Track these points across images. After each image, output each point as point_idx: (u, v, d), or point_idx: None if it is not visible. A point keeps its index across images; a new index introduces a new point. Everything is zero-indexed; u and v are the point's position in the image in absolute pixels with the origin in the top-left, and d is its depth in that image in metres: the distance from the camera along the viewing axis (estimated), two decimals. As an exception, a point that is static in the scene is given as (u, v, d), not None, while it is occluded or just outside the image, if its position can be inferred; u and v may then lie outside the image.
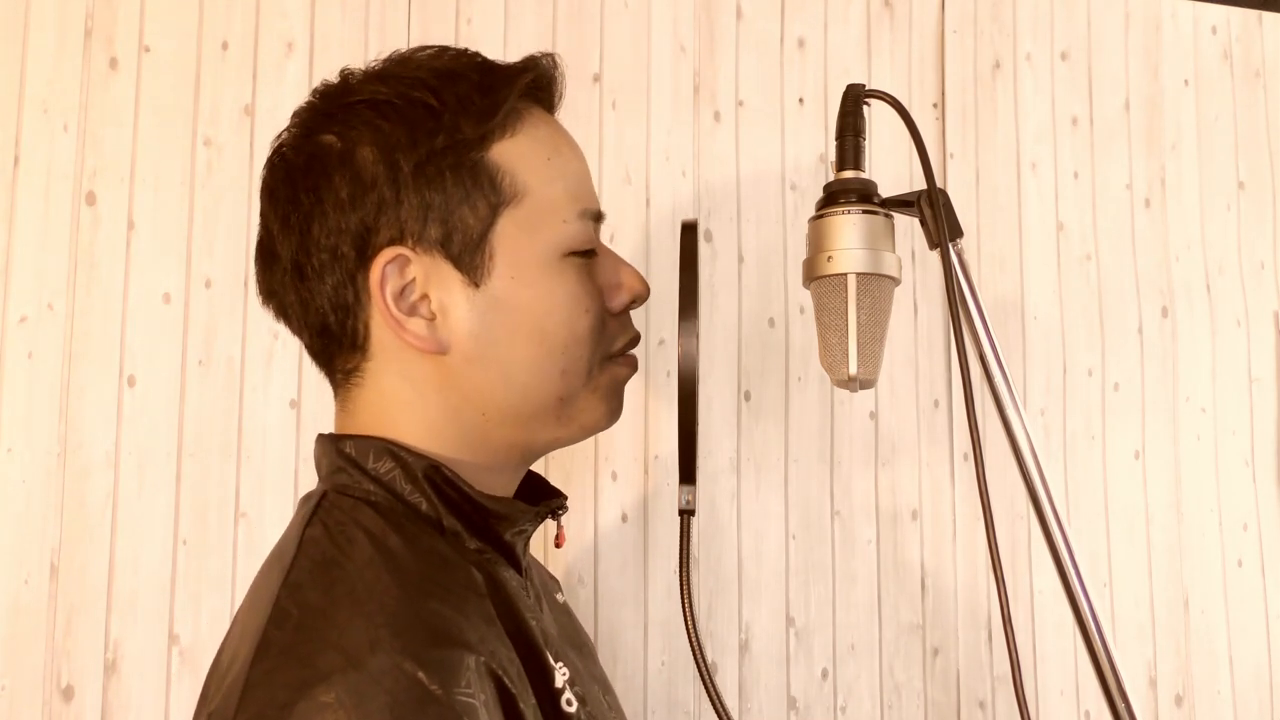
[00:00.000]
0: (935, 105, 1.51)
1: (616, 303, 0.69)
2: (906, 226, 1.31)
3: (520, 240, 0.63)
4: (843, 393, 1.42)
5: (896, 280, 0.75)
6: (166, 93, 1.26)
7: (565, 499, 0.72)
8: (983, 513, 0.69)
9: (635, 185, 1.39)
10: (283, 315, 0.67)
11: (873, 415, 1.44)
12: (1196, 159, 1.61)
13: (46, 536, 1.18)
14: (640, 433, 1.36)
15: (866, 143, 0.78)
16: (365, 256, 0.62)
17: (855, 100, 0.77)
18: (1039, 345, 1.51)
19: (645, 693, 1.32)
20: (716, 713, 0.68)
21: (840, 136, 0.77)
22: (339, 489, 0.64)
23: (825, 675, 1.38)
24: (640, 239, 1.38)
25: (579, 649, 0.73)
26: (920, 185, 0.74)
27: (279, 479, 1.24)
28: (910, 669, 1.41)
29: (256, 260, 0.67)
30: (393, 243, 0.62)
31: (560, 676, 0.61)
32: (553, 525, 0.74)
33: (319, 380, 0.69)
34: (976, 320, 0.73)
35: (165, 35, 1.27)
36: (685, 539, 0.70)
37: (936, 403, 1.46)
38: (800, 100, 1.46)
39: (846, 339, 0.73)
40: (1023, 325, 1.51)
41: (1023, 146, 1.54)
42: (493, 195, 0.63)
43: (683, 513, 0.70)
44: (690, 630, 0.68)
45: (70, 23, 1.24)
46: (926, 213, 0.74)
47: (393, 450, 0.63)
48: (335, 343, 0.65)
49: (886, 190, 0.77)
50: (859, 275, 0.73)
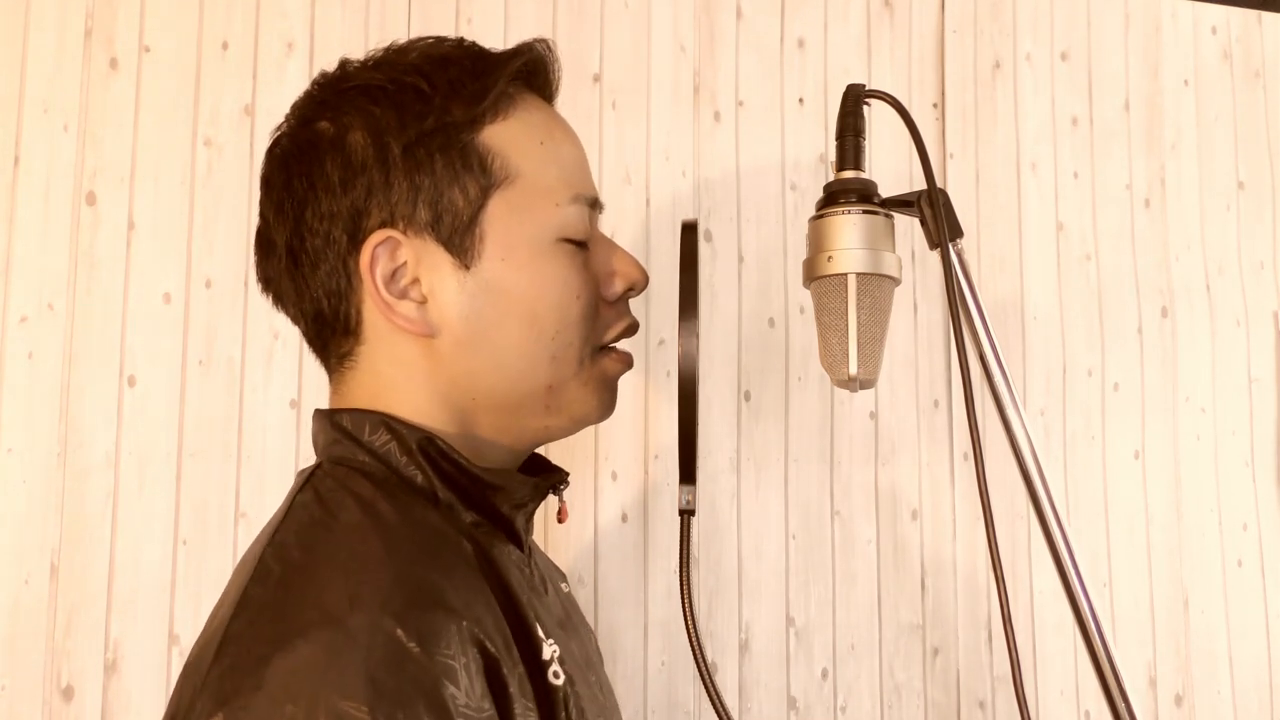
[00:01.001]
0: (935, 105, 1.51)
1: (611, 290, 0.69)
2: (906, 226, 1.31)
3: (511, 223, 0.63)
4: (843, 393, 1.42)
5: (896, 280, 0.75)
6: (166, 93, 1.26)
7: (566, 474, 0.71)
8: (983, 513, 0.69)
9: (635, 185, 1.39)
10: (280, 302, 0.68)
11: (873, 415, 1.44)
12: (1196, 159, 1.61)
13: (46, 536, 1.18)
14: (640, 433, 1.36)
15: (866, 143, 0.78)
16: (357, 241, 0.62)
17: (855, 100, 0.77)
18: (1039, 345, 1.51)
19: (645, 693, 1.32)
20: (716, 713, 0.68)
21: (840, 136, 0.77)
22: (335, 460, 0.64)
23: (825, 675, 1.38)
24: (640, 239, 1.38)
25: (578, 636, 0.73)
26: (920, 185, 0.74)
27: (279, 479, 1.24)
28: (910, 669, 1.41)
29: (255, 249, 0.68)
30: (383, 226, 0.62)
31: (549, 650, 0.61)
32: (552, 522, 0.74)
33: (319, 380, 0.70)
34: (976, 320, 0.73)
35: (165, 35, 1.27)
36: (685, 539, 0.70)
37: (936, 403, 1.46)
38: (800, 100, 1.46)
39: (846, 339, 0.73)
40: (1023, 325, 1.51)
41: (1022, 146, 1.54)
42: (483, 178, 0.63)
43: (683, 513, 0.70)
44: (690, 630, 0.68)
45: (70, 23, 1.24)
46: (926, 213, 0.74)
47: (388, 423, 0.63)
48: (329, 328, 0.65)
49: (886, 190, 0.77)
50: (859, 275, 0.73)
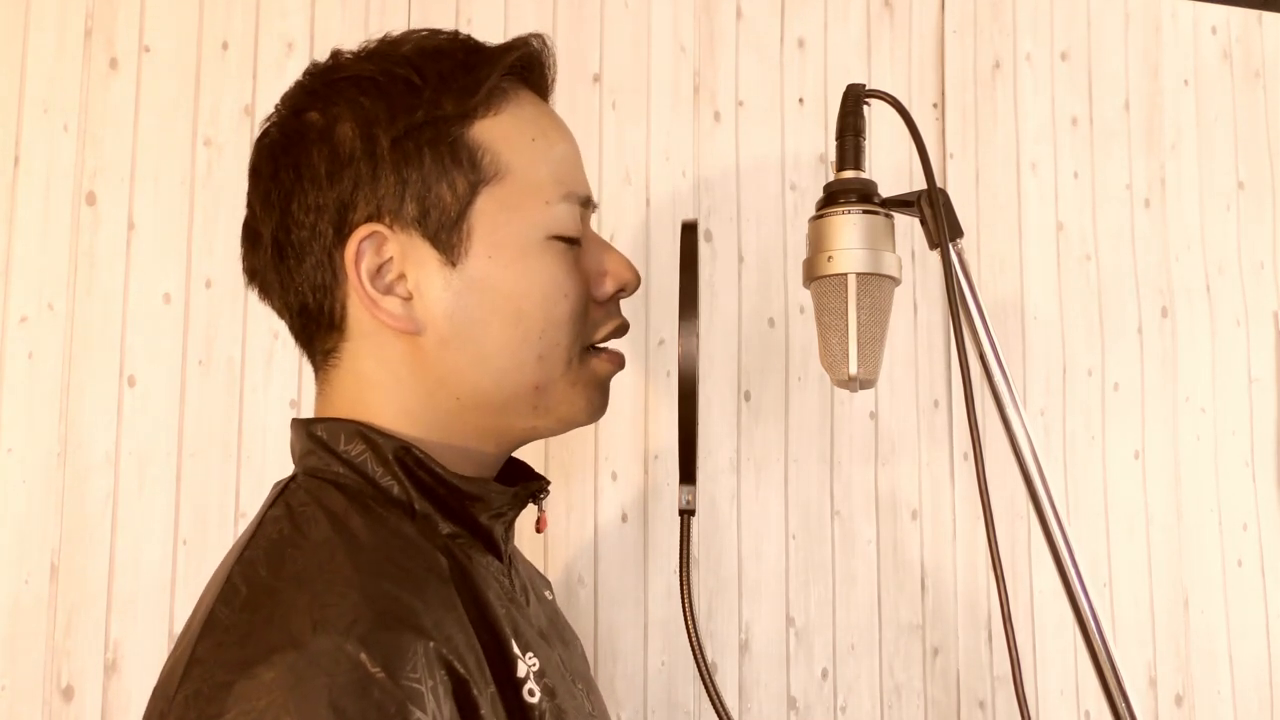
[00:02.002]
0: (935, 105, 1.51)
1: (602, 291, 0.67)
2: (906, 226, 1.31)
3: (499, 219, 0.62)
4: (843, 393, 1.42)
5: (896, 280, 0.75)
6: (166, 93, 1.26)
7: (546, 482, 0.70)
8: (983, 512, 0.69)
9: (635, 185, 1.39)
10: (265, 294, 0.67)
11: (873, 415, 1.44)
12: (1196, 159, 1.61)
13: (46, 536, 1.18)
14: (640, 433, 1.36)
15: (866, 143, 0.78)
16: (343, 234, 0.61)
17: (855, 100, 0.77)
18: (1039, 345, 1.51)
19: (645, 693, 1.32)
20: (717, 713, 0.68)
21: (840, 136, 0.77)
22: (309, 472, 0.63)
23: (825, 675, 1.38)
24: (640, 239, 1.38)
25: (563, 645, 0.72)
26: (920, 185, 0.74)
27: (278, 479, 1.24)
28: (910, 669, 1.41)
29: (242, 241, 0.67)
30: (370, 220, 0.61)
31: (525, 666, 0.60)
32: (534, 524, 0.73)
33: (319, 380, 0.69)
34: (976, 320, 0.73)
35: (165, 35, 1.27)
36: (685, 539, 0.69)
37: (936, 403, 1.46)
38: (800, 100, 1.46)
39: (846, 339, 0.73)
40: (1023, 325, 1.51)
41: (1022, 146, 1.54)
42: (472, 173, 0.62)
43: (683, 513, 0.70)
44: (690, 630, 0.68)
45: (70, 23, 1.24)
46: (926, 213, 0.74)
47: (364, 432, 0.62)
48: (314, 322, 0.65)
49: (886, 190, 0.77)
50: (859, 275, 0.73)
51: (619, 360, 0.70)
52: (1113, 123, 1.58)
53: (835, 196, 0.76)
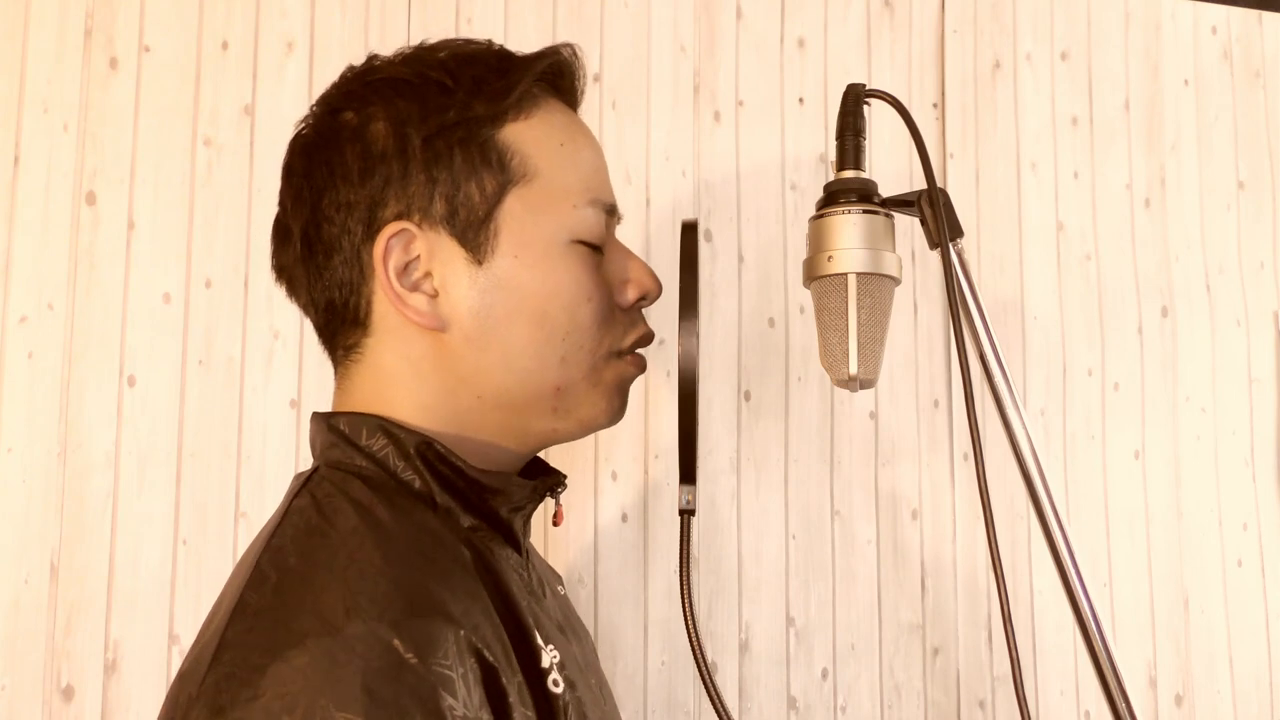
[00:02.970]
0: (935, 105, 1.51)
1: (624, 298, 0.68)
2: (906, 226, 1.31)
3: (526, 221, 0.63)
4: (843, 393, 1.42)
5: (897, 280, 0.75)
6: (166, 93, 1.26)
7: (564, 476, 0.71)
8: (983, 513, 0.69)
9: (635, 185, 1.39)
10: (293, 292, 0.68)
11: (873, 415, 1.44)
12: (1196, 159, 1.61)
13: (46, 536, 1.18)
14: (640, 433, 1.36)
15: (866, 142, 0.78)
16: (372, 231, 0.62)
17: (855, 100, 0.77)
18: (1039, 345, 1.51)
19: (645, 693, 1.32)
20: (717, 713, 0.68)
21: (840, 136, 0.77)
22: (332, 464, 0.64)
23: (825, 675, 1.38)
24: (640, 239, 1.38)
25: (577, 639, 0.72)
26: (920, 185, 0.74)
27: (279, 479, 1.24)
28: (910, 669, 1.41)
29: (272, 238, 0.68)
30: (399, 218, 0.62)
31: (548, 657, 0.60)
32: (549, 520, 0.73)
33: (319, 380, 0.70)
34: (976, 320, 0.73)
35: (165, 35, 1.27)
36: (685, 539, 0.69)
37: (936, 403, 1.46)
38: (800, 100, 1.46)
39: (846, 339, 0.73)
40: (1023, 325, 1.51)
41: (1023, 146, 1.54)
42: (501, 174, 0.63)
43: (683, 513, 0.70)
44: (690, 630, 0.68)
45: (70, 23, 1.24)
46: (926, 212, 0.74)
47: (386, 427, 0.63)
48: (339, 318, 0.65)
49: (886, 190, 0.77)
50: (859, 275, 0.73)
51: (641, 364, 0.70)
52: (1113, 123, 1.58)
53: (835, 196, 0.76)
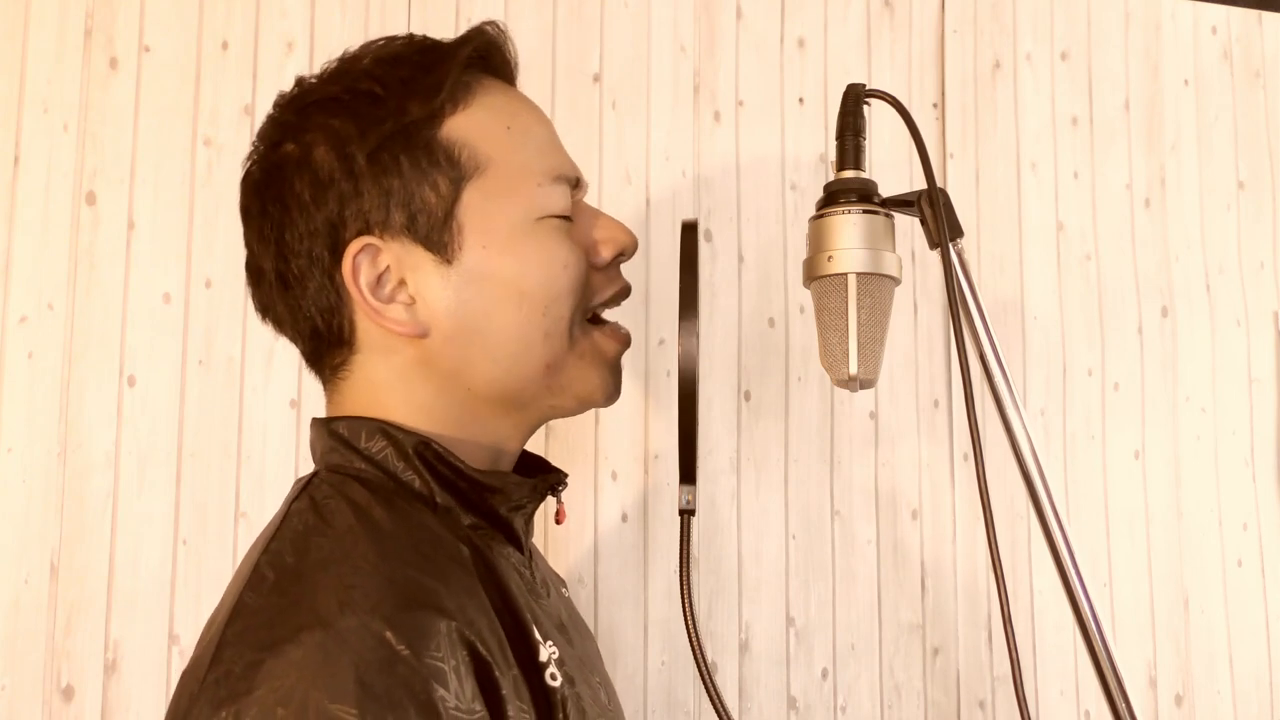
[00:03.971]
0: (935, 105, 1.51)
1: (600, 258, 0.68)
2: (906, 226, 1.31)
3: (489, 210, 0.63)
4: (843, 392, 1.42)
5: (897, 280, 0.75)
6: (166, 93, 1.26)
7: (565, 475, 0.71)
8: (983, 512, 0.69)
9: (635, 185, 1.39)
10: (279, 327, 0.68)
11: (873, 415, 1.44)
12: (1196, 159, 1.61)
13: (46, 536, 1.18)
14: (640, 433, 1.36)
15: (866, 142, 0.78)
16: (338, 254, 0.62)
17: (855, 100, 0.77)
18: (1039, 345, 1.51)
19: (645, 693, 1.32)
20: (717, 713, 0.68)
21: (840, 136, 0.77)
22: (332, 468, 0.64)
23: (825, 675, 1.38)
24: (640, 239, 1.38)
25: (580, 638, 0.73)
26: (920, 185, 0.74)
27: (279, 479, 1.24)
28: (910, 669, 1.41)
29: (248, 280, 0.68)
30: (360, 234, 0.62)
31: (546, 652, 0.61)
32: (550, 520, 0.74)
33: (319, 380, 0.70)
34: (976, 320, 0.73)
35: (165, 35, 1.27)
36: (685, 539, 0.69)
37: (936, 403, 1.46)
38: (800, 100, 1.46)
39: (846, 339, 0.73)
40: (1023, 325, 1.51)
41: (1023, 146, 1.54)
42: (452, 171, 0.63)
43: (683, 513, 0.70)
44: (690, 630, 0.68)
45: (70, 23, 1.24)
46: (926, 212, 0.74)
47: (384, 429, 0.63)
48: (325, 343, 0.66)
49: (886, 190, 0.77)
50: (859, 275, 0.73)
51: (624, 338, 0.70)
52: (1113, 123, 1.58)
53: (835, 196, 0.76)
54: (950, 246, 0.72)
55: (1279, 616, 1.55)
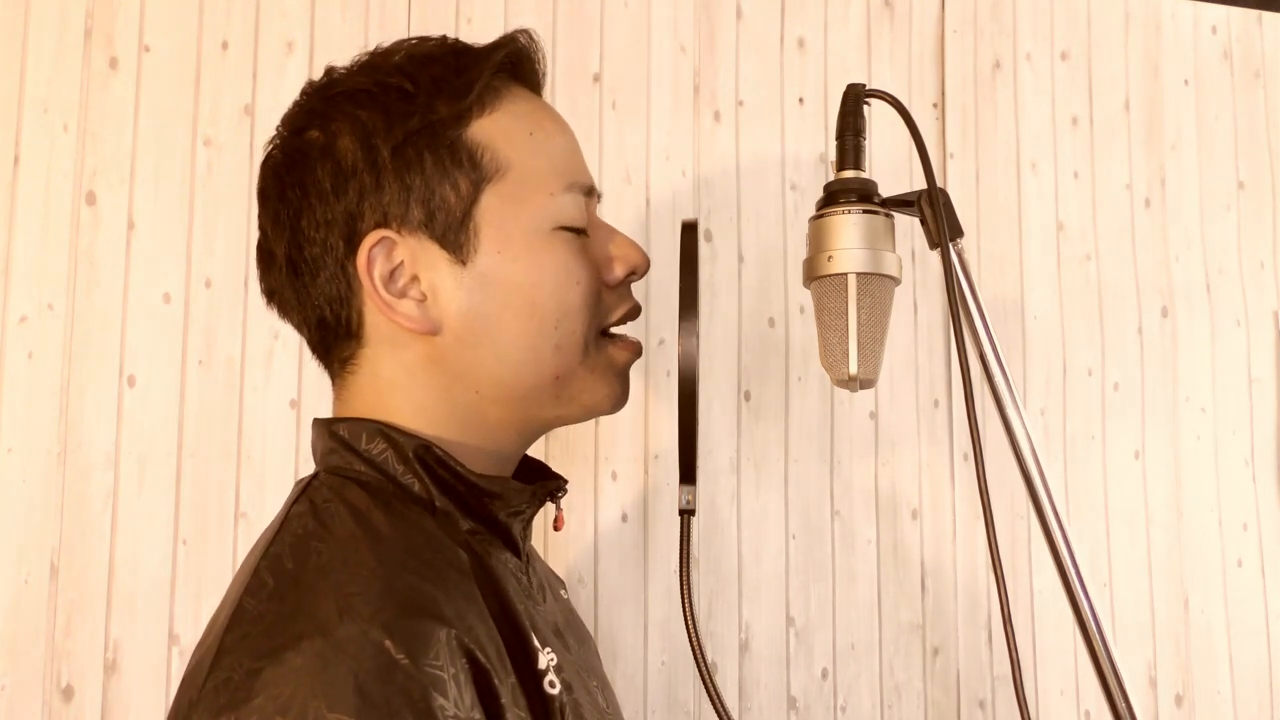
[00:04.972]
0: (935, 105, 1.51)
1: (612, 276, 0.69)
2: (906, 226, 1.31)
3: (505, 214, 0.63)
4: (843, 393, 1.42)
5: (897, 280, 0.75)
6: (166, 93, 1.26)
7: (564, 481, 0.71)
8: (983, 512, 0.69)
9: (635, 185, 1.39)
10: (284, 312, 0.68)
11: (873, 415, 1.44)
12: (1196, 159, 1.61)
13: (46, 536, 1.18)
14: (640, 433, 1.36)
15: (866, 142, 0.78)
16: (353, 245, 0.63)
17: (855, 100, 0.77)
18: (1039, 345, 1.51)
19: (645, 693, 1.32)
20: (717, 713, 0.68)
21: (840, 136, 0.77)
22: (332, 470, 0.64)
23: (825, 675, 1.38)
24: (640, 239, 1.38)
25: (579, 641, 0.73)
26: (920, 185, 0.74)
27: (279, 479, 1.24)
28: (910, 669, 1.41)
29: (257, 263, 0.68)
30: (378, 227, 0.62)
31: (545, 659, 0.61)
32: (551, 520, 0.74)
33: (319, 380, 0.70)
34: (976, 320, 0.73)
35: (165, 35, 1.27)
36: (685, 539, 0.69)
37: (936, 403, 1.46)
38: (800, 100, 1.46)
39: (846, 339, 0.73)
40: (1023, 325, 1.51)
41: (1023, 146, 1.54)
42: (473, 172, 0.63)
43: (683, 513, 0.70)
44: (690, 630, 0.68)
45: (70, 23, 1.24)
46: (926, 212, 0.74)
47: (385, 431, 0.63)
48: (332, 334, 0.66)
49: (886, 190, 0.77)
50: (859, 275, 0.73)
51: (635, 348, 0.71)
52: (1113, 123, 1.58)
53: (835, 196, 0.76)
54: (950, 246, 0.72)
55: (1279, 616, 1.55)
